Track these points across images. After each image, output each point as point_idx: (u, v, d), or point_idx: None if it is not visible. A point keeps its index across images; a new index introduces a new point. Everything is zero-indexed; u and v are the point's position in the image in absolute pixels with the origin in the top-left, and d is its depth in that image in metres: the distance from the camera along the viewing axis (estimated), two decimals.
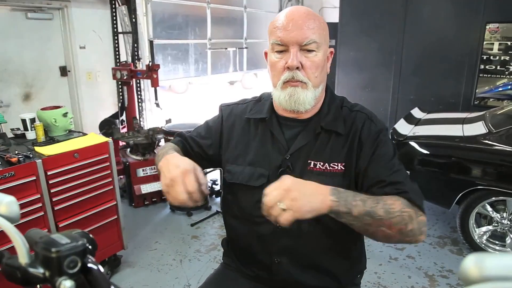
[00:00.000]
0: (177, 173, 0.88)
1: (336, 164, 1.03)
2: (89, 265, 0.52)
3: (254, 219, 1.10)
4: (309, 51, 0.98)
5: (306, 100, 1.00)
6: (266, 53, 1.07)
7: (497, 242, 2.94)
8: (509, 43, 4.77)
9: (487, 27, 4.76)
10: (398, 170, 0.99)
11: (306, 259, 1.09)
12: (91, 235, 0.56)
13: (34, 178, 2.05)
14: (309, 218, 1.04)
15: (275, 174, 1.05)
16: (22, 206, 2.03)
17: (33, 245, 0.54)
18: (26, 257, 0.53)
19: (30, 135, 2.46)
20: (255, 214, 1.08)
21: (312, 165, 1.04)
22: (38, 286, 0.55)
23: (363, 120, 1.06)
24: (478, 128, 3.14)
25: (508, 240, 2.89)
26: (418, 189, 0.98)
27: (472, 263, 0.37)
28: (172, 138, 3.42)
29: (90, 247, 0.54)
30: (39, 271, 0.51)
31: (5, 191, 1.95)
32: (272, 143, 1.08)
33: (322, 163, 1.03)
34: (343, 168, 1.03)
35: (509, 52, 4.80)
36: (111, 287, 0.53)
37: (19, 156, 2.05)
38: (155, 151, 3.75)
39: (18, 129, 2.55)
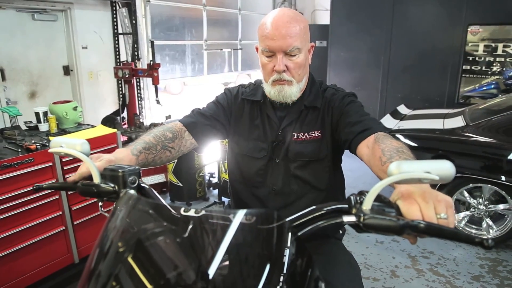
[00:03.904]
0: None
1: (313, 132, 1.27)
2: (142, 184, 0.74)
3: (254, 184, 1.33)
4: (292, 55, 1.17)
5: (292, 94, 1.22)
6: (257, 48, 1.27)
7: (474, 227, 3.18)
8: (493, 44, 5.05)
9: (468, 29, 5.04)
10: (365, 115, 1.20)
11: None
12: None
13: (51, 164, 2.25)
14: (297, 180, 1.27)
15: (270, 147, 1.29)
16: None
17: (102, 171, 0.77)
18: (99, 178, 0.75)
19: (43, 127, 2.65)
20: (255, 179, 1.32)
21: (295, 137, 1.27)
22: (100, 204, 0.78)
23: (332, 92, 1.30)
24: (457, 122, 3.40)
25: (484, 224, 3.13)
26: (380, 123, 1.18)
27: (394, 166, 0.60)
28: None
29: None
30: (110, 186, 0.73)
31: (25, 175, 2.17)
32: (268, 122, 1.32)
33: (302, 134, 1.27)
34: (320, 135, 1.27)
35: (494, 53, 5.08)
36: (159, 197, 0.75)
37: (37, 144, 2.25)
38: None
39: (31, 122, 2.75)
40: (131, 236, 0.61)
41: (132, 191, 0.72)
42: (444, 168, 0.60)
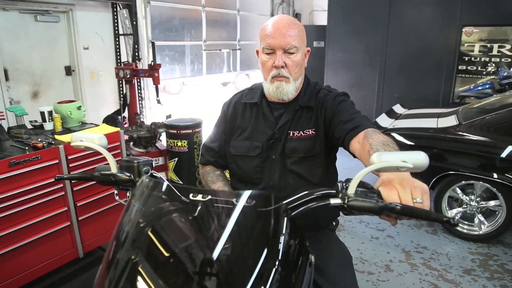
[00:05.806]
0: None
1: (308, 130, 1.36)
2: (154, 174, 0.83)
3: (253, 180, 1.42)
4: (291, 53, 1.28)
5: (289, 91, 1.32)
6: (257, 51, 1.38)
7: (466, 222, 3.27)
8: (489, 45, 5.14)
9: (463, 30, 5.14)
10: (356, 113, 1.29)
11: None
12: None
13: (57, 161, 2.33)
14: (293, 175, 1.36)
15: (267, 144, 1.39)
16: (45, 186, 2.32)
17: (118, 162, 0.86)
18: (116, 168, 0.84)
19: (48, 126, 2.73)
20: (253, 176, 1.42)
21: (291, 134, 1.37)
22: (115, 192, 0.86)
23: (325, 93, 1.40)
24: (450, 121, 3.50)
25: (476, 220, 3.22)
26: (369, 120, 1.27)
27: (376, 156, 0.69)
28: (173, 131, 3.66)
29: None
30: (126, 175, 0.82)
31: (32, 172, 2.25)
32: (264, 121, 1.41)
33: (297, 132, 1.37)
34: (314, 133, 1.36)
35: (489, 54, 5.17)
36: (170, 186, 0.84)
37: (43, 143, 2.33)
38: (156, 144, 4.03)
39: (36, 121, 2.83)
40: (150, 214, 0.69)
41: (147, 178, 0.81)
42: (418, 158, 0.69)
